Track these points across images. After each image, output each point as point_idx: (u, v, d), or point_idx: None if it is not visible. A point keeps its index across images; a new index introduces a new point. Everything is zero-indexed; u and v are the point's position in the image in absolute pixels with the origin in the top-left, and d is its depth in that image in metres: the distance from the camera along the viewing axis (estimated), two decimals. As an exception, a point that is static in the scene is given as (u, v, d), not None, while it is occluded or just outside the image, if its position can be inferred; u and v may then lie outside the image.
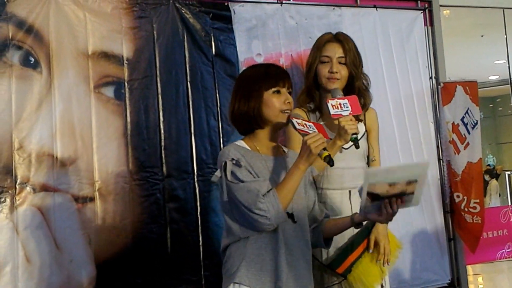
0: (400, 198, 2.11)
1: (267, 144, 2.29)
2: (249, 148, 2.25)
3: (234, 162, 2.13)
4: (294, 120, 2.22)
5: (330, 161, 2.14)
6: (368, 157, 2.84)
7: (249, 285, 2.15)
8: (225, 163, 2.14)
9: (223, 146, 3.80)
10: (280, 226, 2.19)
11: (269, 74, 2.25)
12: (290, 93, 2.28)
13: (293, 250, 2.24)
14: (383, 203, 2.12)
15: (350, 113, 2.49)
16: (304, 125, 2.20)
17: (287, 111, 2.25)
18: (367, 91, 2.91)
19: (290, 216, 2.24)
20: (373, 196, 2.07)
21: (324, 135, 2.17)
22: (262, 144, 2.28)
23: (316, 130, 2.18)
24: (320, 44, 2.79)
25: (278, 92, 2.24)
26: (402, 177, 2.04)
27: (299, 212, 2.29)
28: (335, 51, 2.77)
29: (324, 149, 2.14)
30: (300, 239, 2.28)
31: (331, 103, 2.49)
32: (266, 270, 2.17)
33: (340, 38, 2.82)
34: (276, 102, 2.23)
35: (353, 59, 2.80)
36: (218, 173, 2.16)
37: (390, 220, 2.20)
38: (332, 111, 2.48)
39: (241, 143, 2.27)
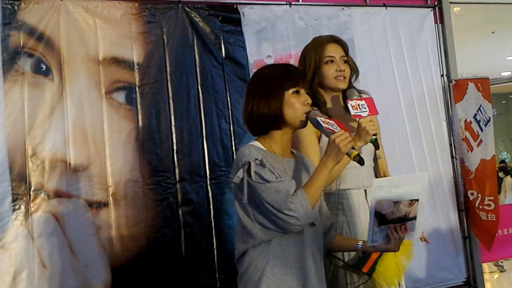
0: (404, 224, 2.13)
1: (282, 146, 2.22)
2: (265, 149, 2.18)
3: (258, 162, 2.05)
4: (319, 118, 2.15)
5: (360, 160, 2.09)
6: (374, 155, 2.82)
7: None
8: (249, 163, 2.05)
9: (235, 149, 3.80)
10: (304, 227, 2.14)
11: (289, 74, 2.18)
12: (307, 93, 2.23)
13: (314, 253, 2.19)
14: (389, 230, 2.11)
15: (368, 114, 2.49)
16: (328, 123, 2.14)
17: (307, 112, 2.18)
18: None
19: None
20: (380, 219, 2.08)
21: (345, 129, 2.12)
22: (277, 145, 2.20)
23: (339, 128, 2.12)
24: (320, 46, 2.75)
25: (297, 92, 2.17)
26: (404, 193, 2.06)
27: (316, 215, 2.23)
28: (337, 51, 2.75)
29: (352, 148, 2.09)
30: (319, 242, 2.24)
31: (351, 103, 2.49)
32: (291, 273, 2.10)
33: (337, 39, 2.79)
34: (297, 103, 2.15)
35: (351, 59, 2.79)
36: (240, 173, 2.05)
37: (398, 248, 2.18)
38: (352, 112, 2.47)
39: (257, 143, 2.18)
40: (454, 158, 4.64)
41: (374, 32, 4.42)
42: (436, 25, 4.72)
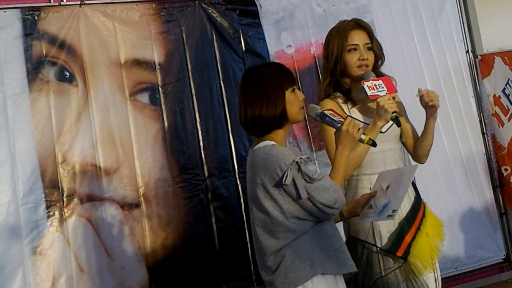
0: None
1: (285, 140, 2.31)
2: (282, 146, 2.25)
3: (301, 160, 2.10)
4: (327, 112, 2.24)
5: (373, 143, 2.21)
6: (400, 139, 2.75)
7: (328, 272, 2.14)
8: (297, 163, 2.09)
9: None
10: None
11: (285, 74, 2.26)
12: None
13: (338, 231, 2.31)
14: None
15: (386, 93, 2.44)
16: (333, 115, 2.24)
17: (303, 107, 2.28)
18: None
19: None
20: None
21: (344, 117, 2.25)
22: (283, 140, 2.27)
23: (341, 117, 2.23)
24: (344, 32, 2.68)
25: (293, 90, 2.25)
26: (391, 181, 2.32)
27: None
28: (361, 38, 2.66)
29: (364, 133, 2.19)
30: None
31: (366, 84, 2.44)
32: (334, 255, 2.18)
33: (362, 24, 2.71)
34: (295, 100, 2.24)
35: (377, 44, 2.70)
36: (290, 174, 2.08)
37: None
38: (369, 92, 2.43)
39: (273, 142, 2.21)
40: (485, 135, 4.53)
41: (394, 13, 4.33)
42: (457, 0, 4.59)
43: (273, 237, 2.17)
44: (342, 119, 2.21)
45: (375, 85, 2.45)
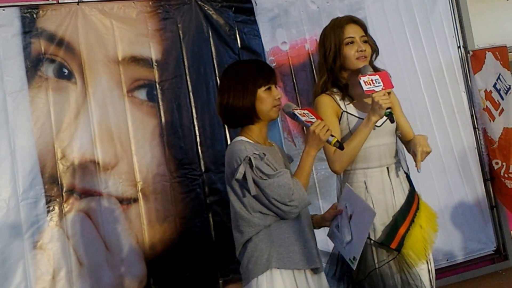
0: None
1: (263, 137, 2.33)
2: (253, 142, 2.26)
3: (256, 156, 2.14)
4: (296, 112, 2.26)
5: (340, 146, 2.22)
6: (396, 133, 2.74)
7: (284, 267, 2.17)
8: (249, 158, 2.13)
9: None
10: None
11: (262, 73, 2.28)
12: (276, 87, 2.33)
13: (310, 227, 2.31)
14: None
15: (382, 88, 2.43)
16: (304, 114, 2.25)
17: (278, 106, 2.29)
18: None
19: None
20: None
21: (318, 117, 2.24)
22: (258, 137, 2.30)
23: (314, 117, 2.23)
24: (339, 27, 2.66)
25: (269, 89, 2.27)
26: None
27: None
28: (357, 32, 2.66)
29: (331, 135, 2.20)
30: (309, 219, 2.35)
31: (363, 79, 2.43)
32: (295, 251, 2.20)
33: (355, 19, 2.70)
34: (269, 99, 2.26)
35: (371, 38, 2.70)
36: (241, 169, 2.12)
37: None
38: (365, 87, 2.42)
39: (245, 138, 2.27)
40: (477, 129, 4.52)
41: (387, 10, 4.31)
42: (449, -4, 4.59)
43: (238, 231, 2.24)
44: (312, 120, 2.21)
45: (372, 80, 2.44)
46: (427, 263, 2.65)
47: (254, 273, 2.20)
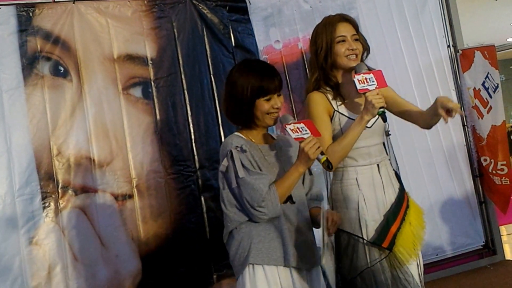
0: None
1: (260, 135, 2.34)
2: (246, 138, 2.29)
3: (238, 149, 2.16)
4: (288, 127, 2.22)
5: (328, 165, 2.18)
6: (386, 131, 2.73)
7: (262, 263, 2.18)
8: (231, 151, 2.17)
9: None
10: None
11: (263, 87, 2.25)
12: (279, 95, 2.31)
13: (295, 227, 2.28)
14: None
15: (376, 87, 2.41)
16: (297, 130, 2.21)
17: (274, 114, 2.29)
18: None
19: (289, 197, 2.28)
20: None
21: (314, 131, 2.21)
22: (254, 135, 2.32)
23: (308, 131, 2.20)
24: (331, 26, 2.65)
25: (270, 99, 2.27)
26: None
27: (296, 192, 2.32)
28: (348, 30, 2.64)
29: (322, 153, 2.18)
30: (299, 218, 2.32)
31: (357, 78, 2.40)
32: (274, 247, 2.20)
33: (347, 18, 2.68)
34: (266, 106, 2.26)
35: (362, 36, 2.68)
36: (225, 162, 2.17)
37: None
38: (358, 86, 2.40)
39: (238, 134, 2.31)
40: (466, 126, 4.53)
41: (379, 9, 4.31)
42: (439, -4, 4.58)
43: (225, 224, 2.27)
44: (304, 136, 2.19)
45: (366, 78, 2.41)
46: (417, 258, 2.66)
47: (239, 270, 2.23)
